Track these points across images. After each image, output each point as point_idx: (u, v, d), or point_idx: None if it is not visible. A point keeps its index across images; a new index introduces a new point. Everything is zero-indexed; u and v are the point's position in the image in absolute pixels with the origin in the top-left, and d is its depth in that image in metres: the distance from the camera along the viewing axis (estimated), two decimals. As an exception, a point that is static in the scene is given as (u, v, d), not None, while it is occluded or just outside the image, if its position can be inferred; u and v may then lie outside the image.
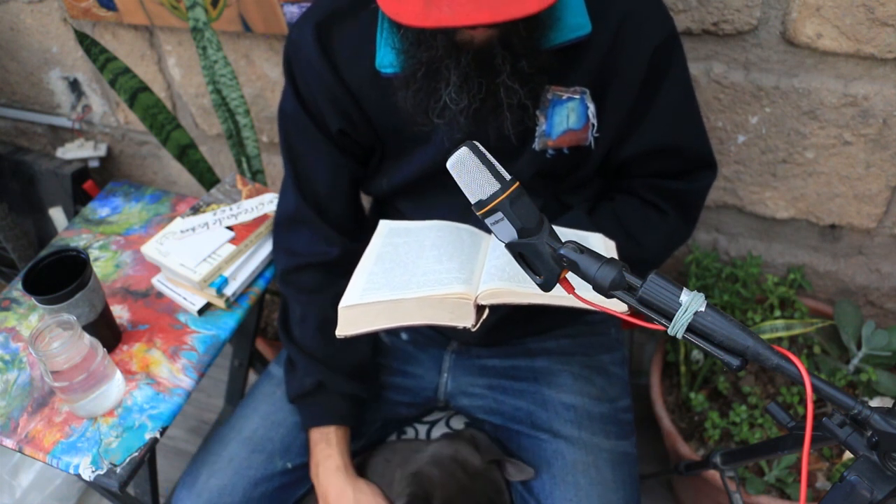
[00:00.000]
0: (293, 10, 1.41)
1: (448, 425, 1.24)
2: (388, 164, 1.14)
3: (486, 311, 0.85)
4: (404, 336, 1.26)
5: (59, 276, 1.08)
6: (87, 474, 1.03)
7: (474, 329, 0.84)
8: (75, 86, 1.87)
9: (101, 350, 1.05)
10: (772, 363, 0.61)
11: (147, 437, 1.06)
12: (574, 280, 0.72)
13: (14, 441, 1.07)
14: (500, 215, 0.71)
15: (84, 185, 1.92)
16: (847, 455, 1.36)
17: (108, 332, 1.15)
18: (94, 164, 1.98)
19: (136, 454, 1.04)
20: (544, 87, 0.97)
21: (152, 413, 1.09)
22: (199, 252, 1.22)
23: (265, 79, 1.63)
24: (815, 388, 0.60)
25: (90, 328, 1.09)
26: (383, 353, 1.24)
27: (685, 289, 0.64)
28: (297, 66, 1.07)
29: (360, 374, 1.15)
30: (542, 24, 0.89)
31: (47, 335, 1.01)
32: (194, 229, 1.27)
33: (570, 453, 1.09)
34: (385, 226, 1.01)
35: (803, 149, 1.34)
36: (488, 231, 0.97)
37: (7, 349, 1.20)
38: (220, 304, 1.23)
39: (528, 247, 0.71)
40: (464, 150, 0.71)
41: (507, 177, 0.71)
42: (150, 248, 1.24)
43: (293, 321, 1.15)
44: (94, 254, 1.35)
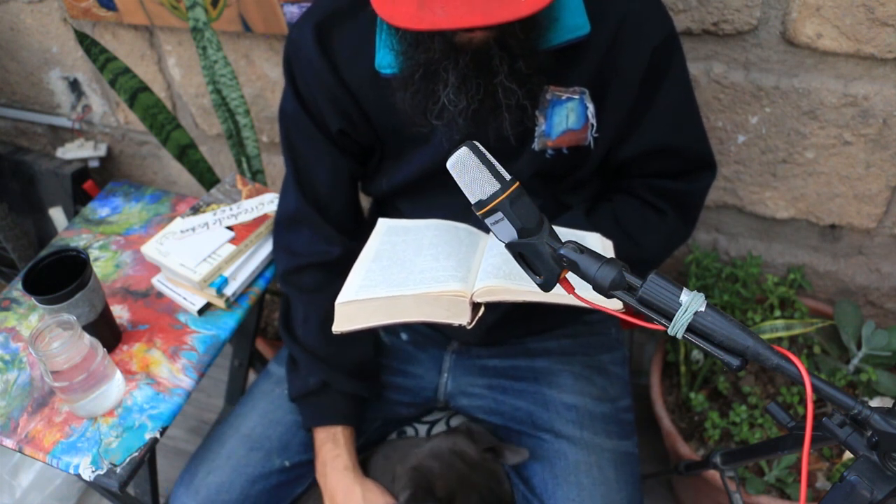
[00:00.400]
0: (293, 10, 1.41)
1: (448, 425, 1.24)
2: (387, 164, 1.14)
3: (483, 309, 0.85)
4: (404, 336, 1.26)
5: (59, 276, 1.08)
6: (87, 474, 1.03)
7: (470, 327, 0.85)
8: (75, 86, 1.87)
9: (101, 350, 1.05)
10: (772, 363, 0.61)
11: (147, 437, 1.06)
12: (574, 280, 0.72)
13: (14, 441, 1.07)
14: (500, 215, 0.71)
15: (84, 185, 1.92)
16: (847, 455, 1.36)
17: (108, 332, 1.15)
18: (94, 164, 1.98)
19: (136, 454, 1.04)
20: (543, 88, 0.97)
21: (152, 413, 1.09)
22: (199, 252, 1.22)
23: (265, 79, 1.63)
24: (815, 388, 0.60)
25: (90, 328, 1.09)
26: (383, 352, 1.24)
27: (685, 289, 0.64)
28: (297, 65, 1.07)
29: (362, 374, 1.15)
30: (539, 26, 0.89)
31: (47, 335, 1.01)
32: (194, 229, 1.27)
33: (573, 453, 1.09)
34: (383, 224, 1.02)
35: (803, 149, 1.34)
36: (487, 230, 0.98)
37: (7, 349, 1.20)
38: (220, 304, 1.23)
39: (528, 247, 0.71)
40: (464, 151, 0.71)
41: (507, 177, 0.71)
42: (150, 248, 1.24)
43: (296, 321, 1.15)
44: (94, 254, 1.35)
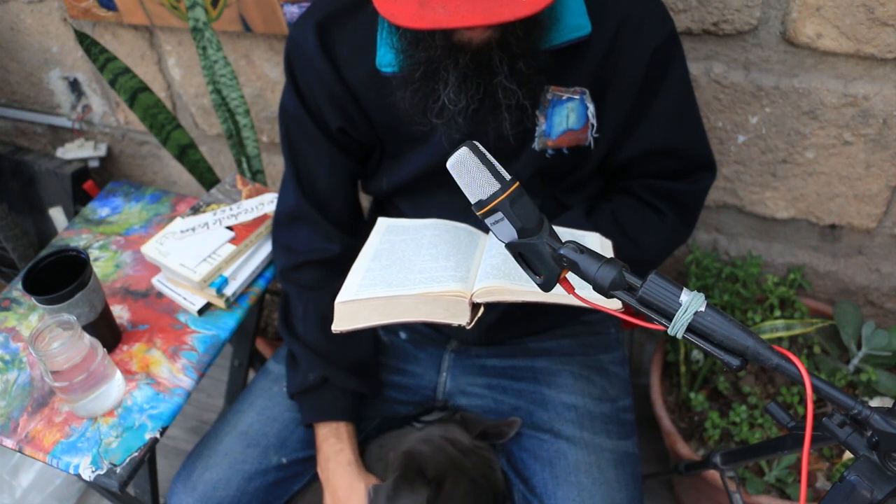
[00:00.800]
0: (293, 10, 1.41)
1: (448, 425, 1.24)
2: (387, 164, 1.14)
3: (482, 310, 0.85)
4: (403, 335, 1.26)
5: (59, 276, 1.08)
6: (87, 474, 1.03)
7: (469, 327, 0.85)
8: (75, 86, 1.87)
9: (101, 350, 1.05)
10: (772, 363, 0.61)
11: (147, 437, 1.06)
12: (574, 280, 0.72)
13: (14, 441, 1.07)
14: (500, 215, 0.71)
15: (84, 185, 1.93)
16: (847, 455, 1.36)
17: (108, 332, 1.15)
18: (94, 164, 1.98)
19: (136, 454, 1.04)
20: (543, 88, 0.97)
21: (152, 413, 1.09)
22: (199, 252, 1.22)
23: (265, 79, 1.63)
24: (815, 388, 0.60)
25: (90, 328, 1.09)
26: (382, 351, 1.24)
27: (685, 289, 0.64)
28: (297, 64, 1.08)
29: (362, 371, 1.15)
30: (540, 26, 0.90)
31: (47, 335, 1.01)
32: (194, 229, 1.27)
33: (573, 453, 1.09)
34: (383, 223, 1.02)
35: (803, 149, 1.34)
36: (486, 230, 0.98)
37: (7, 349, 1.20)
38: (220, 304, 1.23)
39: (528, 247, 0.71)
40: (464, 150, 0.71)
41: (507, 177, 0.71)
42: (150, 248, 1.24)
43: (295, 317, 1.15)
44: (94, 254, 1.35)
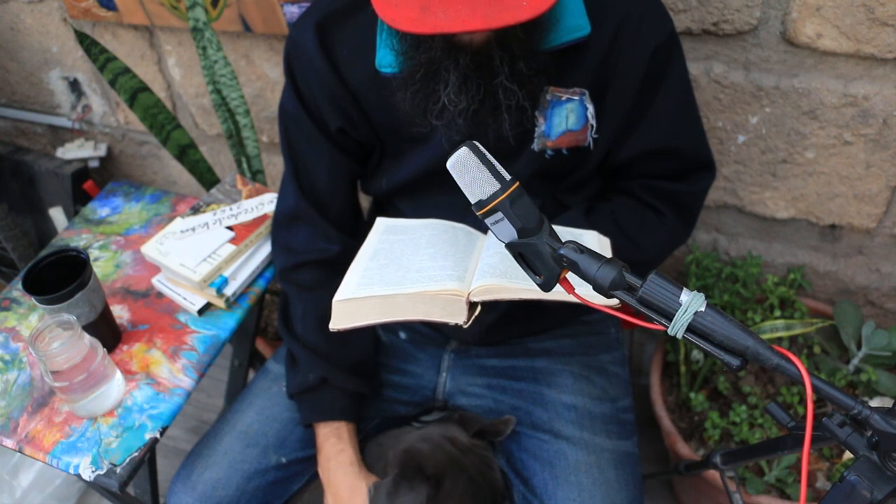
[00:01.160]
0: (293, 10, 1.41)
1: (448, 425, 1.24)
2: (387, 164, 1.14)
3: (479, 309, 0.86)
4: (403, 335, 1.26)
5: (59, 276, 1.08)
6: (87, 474, 1.03)
7: (466, 326, 0.85)
8: (75, 86, 1.87)
9: (101, 350, 1.05)
10: (772, 363, 0.61)
11: (147, 437, 1.06)
12: (574, 280, 0.72)
13: (14, 441, 1.07)
14: (500, 215, 0.71)
15: (84, 185, 1.93)
16: (847, 455, 1.36)
17: (108, 332, 1.15)
18: (94, 164, 1.98)
19: (136, 454, 1.04)
20: (543, 89, 0.97)
21: (152, 413, 1.09)
22: (199, 252, 1.22)
23: (265, 79, 1.63)
24: (815, 388, 0.60)
25: (90, 328, 1.09)
26: (382, 351, 1.24)
27: (685, 289, 0.64)
28: (297, 64, 1.08)
29: (362, 371, 1.15)
30: (540, 27, 0.90)
31: (47, 335, 1.01)
32: (194, 229, 1.27)
33: (573, 454, 1.09)
34: (382, 223, 1.02)
35: (803, 149, 1.34)
36: (485, 230, 0.98)
37: (7, 349, 1.20)
38: (220, 304, 1.23)
39: (528, 247, 0.71)
40: (464, 151, 0.71)
41: (507, 177, 0.71)
42: (150, 248, 1.24)
43: (294, 317, 1.15)
44: (94, 254, 1.35)
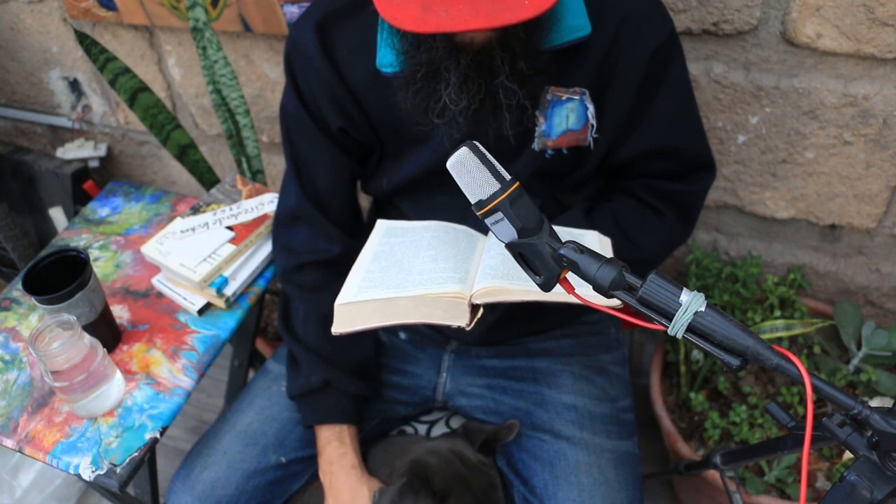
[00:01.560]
0: (293, 10, 1.41)
1: (448, 425, 1.24)
2: (387, 164, 1.14)
3: (481, 311, 0.86)
4: (403, 335, 1.26)
5: (59, 276, 1.08)
6: (87, 474, 1.03)
7: (468, 328, 0.85)
8: (75, 86, 1.87)
9: (101, 350, 1.05)
10: (772, 363, 0.61)
11: (147, 437, 1.06)
12: (574, 280, 0.72)
13: (14, 441, 1.07)
14: (500, 215, 0.71)
15: (84, 185, 1.93)
16: (847, 455, 1.36)
17: (108, 332, 1.15)
18: (94, 164, 1.98)
19: (136, 454, 1.04)
20: (543, 88, 0.97)
21: (152, 413, 1.09)
22: (199, 252, 1.22)
23: (265, 79, 1.63)
24: (815, 388, 0.60)
25: (90, 328, 1.09)
26: (382, 351, 1.24)
27: (685, 289, 0.64)
28: (297, 64, 1.08)
29: (364, 373, 1.15)
30: (541, 26, 0.90)
31: (47, 335, 1.01)
32: (194, 229, 1.27)
33: (573, 454, 1.09)
34: (382, 225, 1.02)
35: (803, 149, 1.34)
36: (486, 231, 0.98)
37: (7, 349, 1.20)
38: (220, 304, 1.23)
39: (528, 247, 0.71)
40: (464, 150, 0.71)
41: (507, 177, 0.71)
42: (150, 248, 1.24)
43: (296, 319, 1.15)
44: (94, 254, 1.35)
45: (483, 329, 1.14)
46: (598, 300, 0.72)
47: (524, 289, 0.82)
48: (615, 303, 0.74)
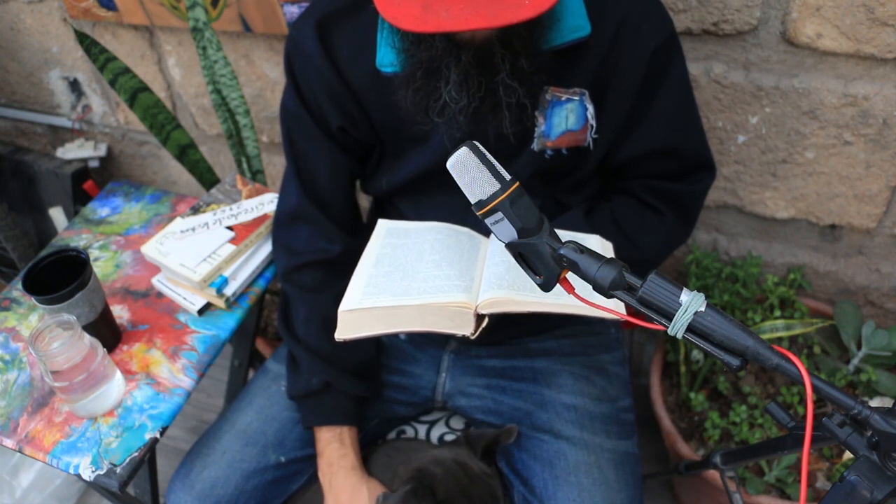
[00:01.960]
0: (293, 10, 1.41)
1: (448, 425, 1.24)
2: (387, 163, 1.14)
3: (486, 320, 0.86)
4: (402, 335, 1.26)
5: (59, 276, 1.08)
6: (87, 474, 1.03)
7: (473, 337, 0.85)
8: (75, 86, 1.87)
9: (101, 350, 1.05)
10: (772, 363, 0.61)
11: (147, 437, 1.06)
12: (574, 280, 0.72)
13: (14, 441, 1.07)
14: (500, 215, 0.71)
15: (84, 185, 1.92)
16: (847, 455, 1.36)
17: (108, 332, 1.15)
18: (94, 164, 1.98)
19: (136, 454, 1.04)
20: (543, 87, 0.98)
21: (152, 413, 1.09)
22: (199, 252, 1.22)
23: (265, 79, 1.63)
24: (815, 388, 0.60)
25: (90, 328, 1.09)
26: (381, 351, 1.24)
27: (685, 289, 0.64)
28: (297, 63, 1.08)
29: (364, 374, 1.15)
30: (541, 25, 0.90)
31: (47, 335, 1.01)
32: (194, 229, 1.27)
33: (573, 454, 1.09)
34: (383, 226, 1.01)
35: (803, 149, 1.34)
36: (487, 232, 0.98)
37: (7, 349, 1.20)
38: (220, 304, 1.23)
39: (528, 247, 0.71)
40: (464, 150, 0.71)
41: (507, 177, 0.71)
42: (150, 248, 1.24)
43: (296, 320, 1.15)
44: (94, 254, 1.35)
45: (483, 332, 1.14)
46: (600, 302, 0.72)
47: (530, 300, 0.82)
48: (616, 304, 0.74)
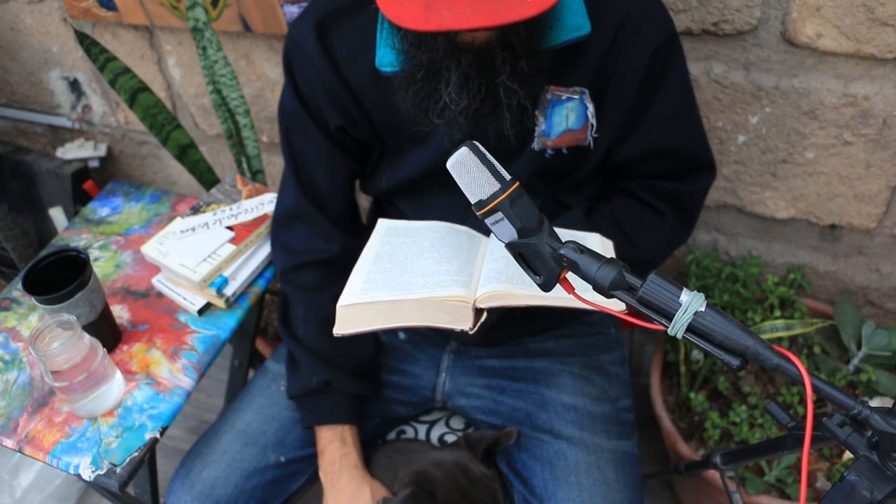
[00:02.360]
0: (293, 9, 1.41)
1: (448, 425, 1.24)
2: (386, 163, 1.14)
3: (485, 315, 0.85)
4: (402, 335, 1.26)
5: (59, 276, 1.08)
6: (87, 474, 1.03)
7: (472, 332, 0.85)
8: (75, 86, 1.87)
9: (101, 350, 1.05)
10: (772, 363, 0.61)
11: (147, 437, 1.06)
12: (574, 280, 0.72)
13: (14, 441, 1.07)
14: (500, 215, 0.71)
15: (84, 185, 1.92)
16: (847, 455, 1.36)
17: (108, 332, 1.15)
18: (94, 164, 1.98)
19: (136, 454, 1.04)
20: (543, 88, 0.97)
21: (152, 413, 1.09)
22: (199, 252, 1.22)
23: (265, 79, 1.63)
24: (815, 388, 0.60)
25: (90, 328, 1.09)
26: (381, 351, 1.24)
27: (685, 289, 0.64)
28: (296, 62, 1.08)
29: (364, 373, 1.15)
30: (541, 25, 0.90)
31: (47, 335, 1.01)
32: (194, 229, 1.27)
33: (572, 454, 1.09)
34: (383, 225, 1.02)
35: (803, 149, 1.34)
36: (487, 232, 0.98)
37: (7, 349, 1.20)
38: (220, 304, 1.23)
39: (528, 247, 0.71)
40: (464, 150, 0.71)
41: (507, 177, 0.71)
42: (150, 248, 1.24)
43: (295, 320, 1.15)
44: (94, 254, 1.35)
45: (483, 329, 1.14)
46: (599, 301, 0.72)
47: (528, 293, 0.82)
48: (616, 303, 0.74)
